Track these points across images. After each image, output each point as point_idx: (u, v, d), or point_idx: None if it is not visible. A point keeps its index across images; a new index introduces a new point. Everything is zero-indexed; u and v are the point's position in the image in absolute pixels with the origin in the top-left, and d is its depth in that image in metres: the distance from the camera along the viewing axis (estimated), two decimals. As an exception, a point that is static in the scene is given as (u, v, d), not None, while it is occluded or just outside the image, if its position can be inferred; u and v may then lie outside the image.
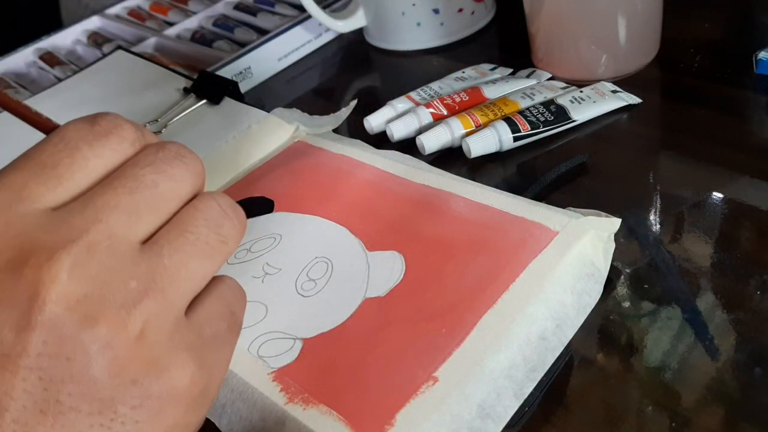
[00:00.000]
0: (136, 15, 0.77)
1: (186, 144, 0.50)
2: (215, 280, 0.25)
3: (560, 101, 0.46)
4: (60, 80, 0.63)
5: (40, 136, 0.52)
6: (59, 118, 0.56)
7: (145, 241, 0.22)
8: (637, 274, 0.35)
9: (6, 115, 0.58)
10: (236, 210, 0.25)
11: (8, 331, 0.20)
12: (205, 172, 0.25)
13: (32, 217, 0.21)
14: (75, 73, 0.63)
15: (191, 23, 0.72)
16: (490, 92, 0.49)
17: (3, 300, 0.20)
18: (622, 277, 0.35)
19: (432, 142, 0.46)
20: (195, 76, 0.56)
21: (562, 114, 0.45)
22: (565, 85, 0.50)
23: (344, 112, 0.50)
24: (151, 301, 0.21)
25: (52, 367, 0.20)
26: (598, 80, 0.49)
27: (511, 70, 0.54)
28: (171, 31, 0.71)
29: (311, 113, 0.51)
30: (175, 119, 0.53)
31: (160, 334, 0.21)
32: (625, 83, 0.48)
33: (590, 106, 0.46)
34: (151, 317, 0.21)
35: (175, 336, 0.22)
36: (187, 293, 0.23)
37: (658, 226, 0.38)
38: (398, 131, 0.48)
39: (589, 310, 0.33)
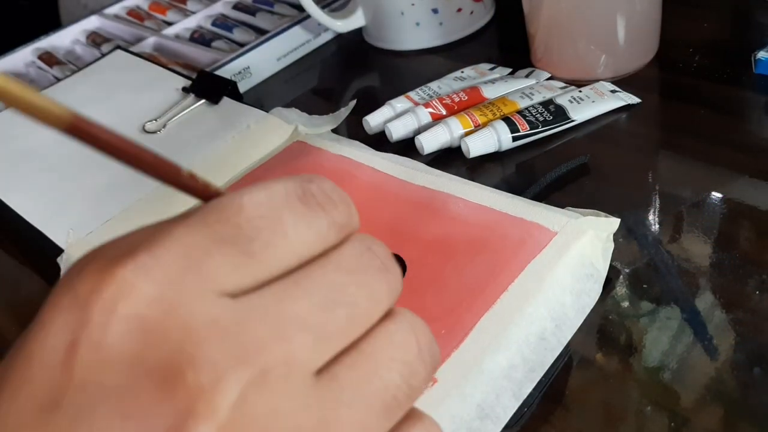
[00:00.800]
0: (135, 15, 0.77)
1: (185, 144, 0.50)
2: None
3: (559, 101, 0.46)
4: (59, 80, 0.63)
5: (42, 136, 0.51)
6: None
7: (320, 370, 0.17)
8: (636, 274, 0.35)
9: (7, 114, 0.58)
10: (433, 351, 0.19)
11: None
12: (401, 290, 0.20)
13: (204, 305, 0.15)
14: (74, 73, 0.63)
15: (190, 23, 0.72)
16: (489, 92, 0.49)
17: (135, 416, 0.15)
18: (621, 277, 0.35)
19: (431, 142, 0.45)
20: (194, 76, 0.56)
21: (561, 114, 0.45)
22: (564, 84, 0.50)
23: (343, 112, 0.50)
24: None
25: None
26: (597, 80, 0.49)
27: (510, 70, 0.54)
28: (170, 31, 0.71)
29: (310, 113, 0.51)
30: (174, 119, 0.53)
31: None
32: (624, 83, 0.48)
33: (589, 105, 0.46)
34: None
35: None
36: None
37: (657, 226, 0.38)
38: (397, 131, 0.48)
39: (588, 311, 0.33)
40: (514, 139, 0.44)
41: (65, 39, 0.75)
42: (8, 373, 0.16)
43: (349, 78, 0.61)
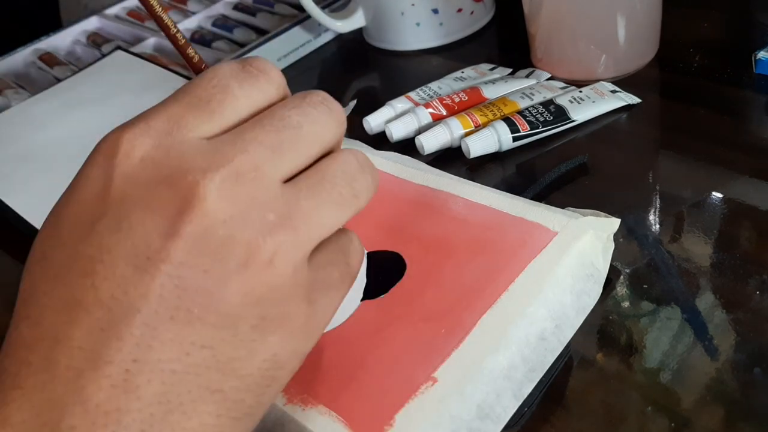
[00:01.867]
0: (136, 15, 0.77)
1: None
2: (339, 231, 0.26)
3: (559, 101, 0.46)
4: (59, 80, 0.63)
5: (42, 136, 0.51)
6: (59, 118, 0.56)
7: (286, 181, 0.24)
8: (637, 274, 0.35)
9: (7, 114, 0.58)
10: (372, 169, 0.26)
11: (156, 236, 0.21)
12: (346, 124, 0.27)
13: (188, 144, 0.23)
14: (74, 73, 0.63)
15: (190, 23, 0.72)
16: (490, 92, 0.49)
17: (157, 208, 0.22)
18: (622, 277, 0.35)
19: (431, 142, 0.45)
20: (194, 77, 0.56)
21: (561, 114, 0.45)
22: (564, 85, 0.50)
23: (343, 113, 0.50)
24: (284, 235, 0.23)
25: (190, 277, 0.21)
26: (598, 80, 0.49)
27: (510, 70, 0.54)
28: (170, 32, 0.71)
29: (310, 113, 0.51)
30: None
31: (286, 266, 0.23)
32: (624, 83, 0.48)
33: (589, 106, 0.46)
34: (282, 249, 0.23)
35: (297, 271, 0.23)
36: (315, 237, 0.24)
37: (658, 226, 0.38)
38: (397, 131, 0.48)
39: (588, 311, 0.33)
40: (515, 139, 0.44)
41: (66, 39, 0.75)
42: (64, 209, 0.23)
43: (350, 78, 0.62)
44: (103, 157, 0.23)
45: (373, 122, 0.49)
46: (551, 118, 0.45)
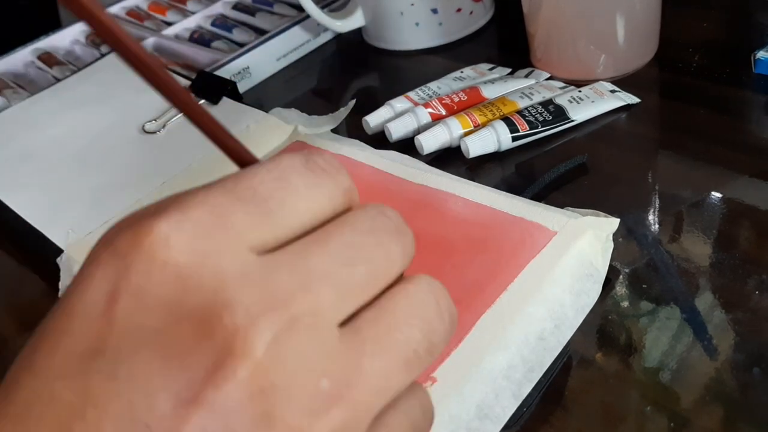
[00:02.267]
0: (135, 15, 0.77)
1: (184, 144, 0.50)
2: (409, 388, 0.20)
3: (559, 101, 0.46)
4: (58, 80, 0.63)
5: (41, 136, 0.51)
6: (58, 118, 0.56)
7: (343, 323, 0.18)
8: (636, 274, 0.35)
9: (6, 114, 0.58)
10: (452, 311, 0.20)
11: (165, 399, 0.15)
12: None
13: (234, 257, 0.17)
14: (73, 73, 0.63)
15: (190, 23, 0.72)
16: (489, 92, 0.49)
17: (173, 356, 0.15)
18: (621, 277, 0.35)
19: (430, 142, 0.45)
20: (193, 76, 0.56)
21: (560, 114, 0.45)
22: (563, 84, 0.50)
23: (343, 112, 0.50)
24: (339, 412, 0.17)
25: None
26: (597, 80, 0.49)
27: (509, 70, 0.53)
28: (169, 31, 0.71)
29: (310, 113, 0.51)
30: (173, 119, 0.53)
31: None
32: (623, 83, 0.48)
33: (589, 105, 0.46)
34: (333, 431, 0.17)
35: None
36: (376, 408, 0.18)
37: (657, 225, 0.38)
38: (397, 131, 0.48)
39: (587, 310, 0.33)
40: (514, 139, 0.44)
41: (65, 39, 0.75)
42: (48, 327, 0.17)
43: (349, 78, 0.61)
44: (112, 254, 0.17)
45: (372, 122, 0.49)
46: (550, 117, 0.45)
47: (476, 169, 0.45)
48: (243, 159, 0.20)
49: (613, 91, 0.47)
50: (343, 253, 0.18)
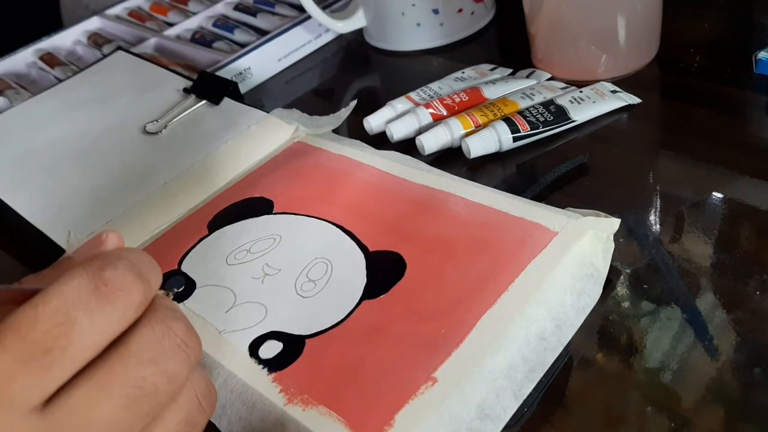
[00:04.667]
0: (136, 16, 0.77)
1: (185, 145, 0.50)
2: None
3: (560, 101, 0.46)
4: (60, 81, 0.63)
5: (43, 137, 0.51)
6: (60, 118, 0.56)
7: None
8: (637, 274, 0.35)
9: (8, 114, 0.58)
10: (211, 400, 0.24)
11: None
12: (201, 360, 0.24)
13: (14, 426, 0.18)
14: (75, 73, 0.63)
15: (191, 24, 0.72)
16: (490, 92, 0.49)
17: None
18: (622, 277, 0.35)
19: (431, 142, 0.46)
20: (195, 77, 0.56)
21: (561, 114, 0.45)
22: (564, 85, 0.50)
23: (344, 113, 0.50)
24: None
25: None
26: (598, 80, 0.49)
27: (510, 71, 0.54)
28: (171, 32, 0.71)
29: (311, 114, 0.51)
30: (174, 120, 0.53)
31: None
32: (624, 83, 0.48)
33: (590, 106, 0.46)
34: None
35: None
36: None
37: (658, 226, 0.38)
38: (398, 132, 0.48)
39: (588, 311, 0.33)
40: (515, 139, 0.44)
41: (66, 40, 0.75)
42: None
43: (350, 78, 0.62)
44: None
45: (373, 122, 0.49)
46: (551, 118, 0.45)
47: (477, 169, 0.45)
48: (24, 298, 0.20)
49: (614, 92, 0.47)
50: (127, 394, 0.19)
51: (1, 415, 0.18)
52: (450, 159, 0.46)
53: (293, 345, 0.33)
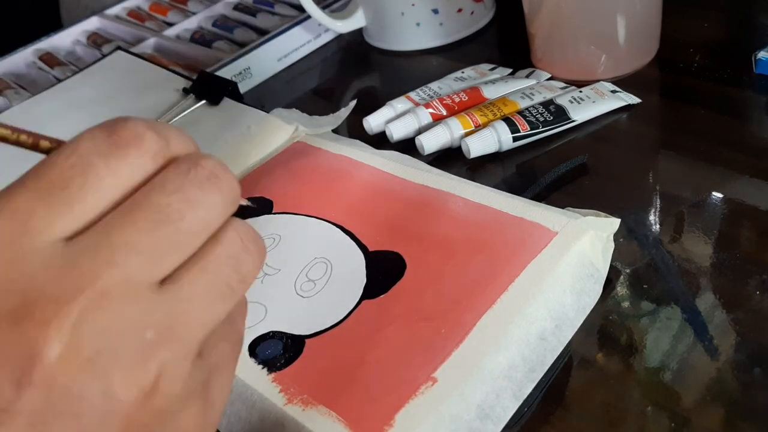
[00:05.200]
0: (136, 15, 0.77)
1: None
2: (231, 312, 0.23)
3: (559, 101, 0.46)
4: (59, 81, 0.63)
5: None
6: (59, 118, 0.56)
7: (168, 277, 0.20)
8: (637, 274, 0.35)
9: (8, 115, 0.58)
10: (258, 243, 0.22)
11: (7, 386, 0.17)
12: (240, 194, 0.22)
13: (39, 255, 0.18)
14: (74, 73, 0.63)
15: (191, 24, 0.72)
16: (490, 92, 0.49)
17: (2, 354, 0.17)
18: (622, 277, 0.35)
19: (431, 142, 0.45)
20: (194, 77, 0.56)
21: (561, 114, 0.45)
22: (564, 85, 0.50)
23: (343, 113, 0.50)
24: (167, 352, 0.19)
25: (56, 424, 0.18)
26: (598, 80, 0.49)
27: (510, 70, 0.54)
28: (170, 32, 0.71)
29: (311, 113, 0.51)
30: (174, 120, 0.53)
31: (174, 384, 0.20)
32: (624, 83, 0.48)
33: (589, 106, 0.46)
34: (167, 368, 0.19)
35: (187, 381, 0.20)
36: (201, 337, 0.21)
37: (658, 226, 0.38)
38: (397, 131, 0.48)
39: (588, 311, 0.33)
40: (515, 139, 0.44)
41: (66, 40, 0.75)
42: None
43: (350, 78, 0.62)
44: None
45: (373, 122, 0.49)
46: (551, 118, 0.45)
47: (477, 169, 0.45)
48: (44, 147, 0.21)
49: (613, 92, 0.47)
50: (149, 218, 0.19)
51: (24, 241, 0.18)
52: (450, 159, 0.46)
53: (293, 345, 0.33)
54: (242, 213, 0.23)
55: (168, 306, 0.19)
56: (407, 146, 0.47)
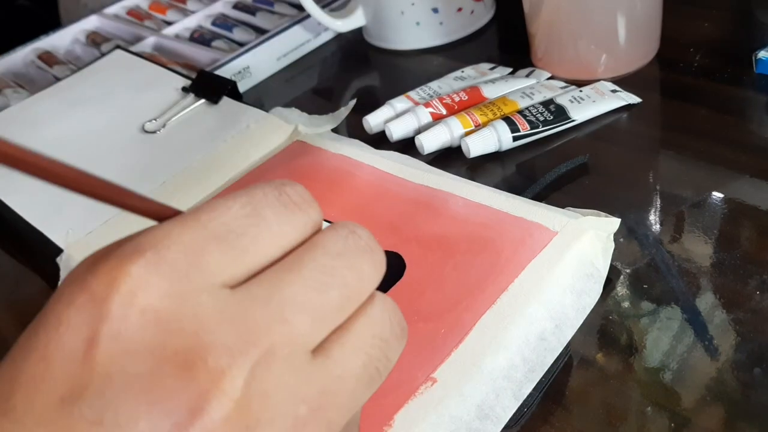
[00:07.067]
0: (135, 14, 0.77)
1: (184, 144, 0.50)
2: None
3: (560, 101, 0.46)
4: (59, 80, 0.63)
5: (42, 135, 0.51)
6: (58, 117, 0.56)
7: (317, 347, 0.19)
8: (637, 274, 0.35)
9: (7, 114, 0.58)
10: (403, 325, 0.21)
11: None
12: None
13: (211, 297, 0.17)
14: (74, 72, 0.63)
15: (190, 22, 0.72)
16: (490, 92, 0.49)
17: (158, 400, 0.16)
18: (622, 277, 0.35)
19: (431, 141, 0.45)
20: (194, 76, 0.56)
21: (561, 113, 0.45)
22: (564, 84, 0.49)
23: (343, 112, 0.50)
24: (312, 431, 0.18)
25: None
26: (598, 80, 0.49)
27: (510, 70, 0.53)
28: (170, 31, 0.71)
29: (310, 113, 0.51)
30: (173, 119, 0.53)
31: None
32: (624, 83, 0.48)
33: (590, 105, 0.46)
34: None
35: None
36: (344, 421, 0.19)
37: (658, 225, 0.38)
38: (397, 131, 0.47)
39: (588, 311, 0.33)
40: (515, 138, 0.44)
41: (65, 39, 0.75)
42: (21, 373, 0.16)
43: (349, 77, 0.61)
44: (89, 297, 0.16)
45: (372, 122, 0.49)
46: (551, 117, 0.45)
47: (477, 168, 0.45)
48: (164, 216, 0.19)
49: (614, 91, 0.47)
50: (317, 278, 0.18)
51: (197, 278, 0.17)
52: (449, 158, 0.46)
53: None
54: None
55: (321, 381, 0.18)
56: (407, 146, 0.47)
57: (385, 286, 0.34)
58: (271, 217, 0.19)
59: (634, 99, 0.47)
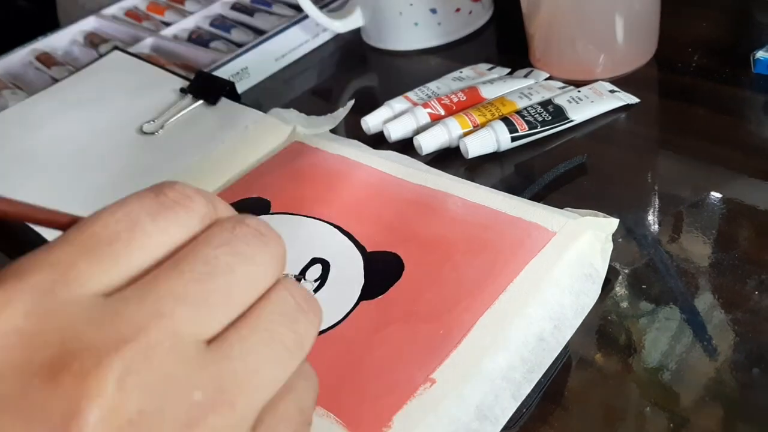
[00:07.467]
0: (133, 15, 0.77)
1: (183, 145, 0.50)
2: (294, 376, 0.21)
3: (558, 101, 0.46)
4: (56, 81, 0.63)
5: (40, 137, 0.51)
6: (56, 118, 0.56)
7: (211, 340, 0.18)
8: (635, 274, 0.35)
9: (5, 115, 0.58)
10: (312, 302, 0.21)
11: None
12: (287, 254, 0.21)
13: (79, 306, 0.17)
14: (71, 73, 0.63)
15: (188, 23, 0.72)
16: (488, 92, 0.49)
17: (35, 414, 0.16)
18: (621, 277, 0.35)
19: (429, 142, 0.45)
20: (192, 77, 0.56)
21: (559, 114, 0.45)
22: (562, 84, 0.49)
23: (341, 113, 0.50)
24: (218, 417, 0.17)
25: None
26: (596, 80, 0.49)
27: (508, 70, 0.53)
28: (168, 32, 0.71)
29: (308, 113, 0.51)
30: (171, 120, 0.53)
31: None
32: (622, 83, 0.48)
33: (588, 105, 0.46)
34: None
35: None
36: (258, 405, 0.19)
37: (656, 226, 0.38)
38: (395, 131, 0.47)
39: (587, 311, 0.33)
40: (513, 139, 0.44)
41: (63, 40, 0.75)
42: None
43: (348, 78, 0.61)
44: None
45: (371, 122, 0.49)
46: (550, 118, 0.45)
47: (475, 169, 0.45)
48: (64, 223, 0.20)
49: (612, 91, 0.47)
50: (197, 269, 0.18)
51: (62, 292, 0.17)
52: (448, 159, 0.46)
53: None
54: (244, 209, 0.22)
55: (218, 365, 0.18)
56: (405, 146, 0.47)
57: (384, 286, 0.34)
58: (147, 220, 0.19)
59: (633, 99, 0.47)
